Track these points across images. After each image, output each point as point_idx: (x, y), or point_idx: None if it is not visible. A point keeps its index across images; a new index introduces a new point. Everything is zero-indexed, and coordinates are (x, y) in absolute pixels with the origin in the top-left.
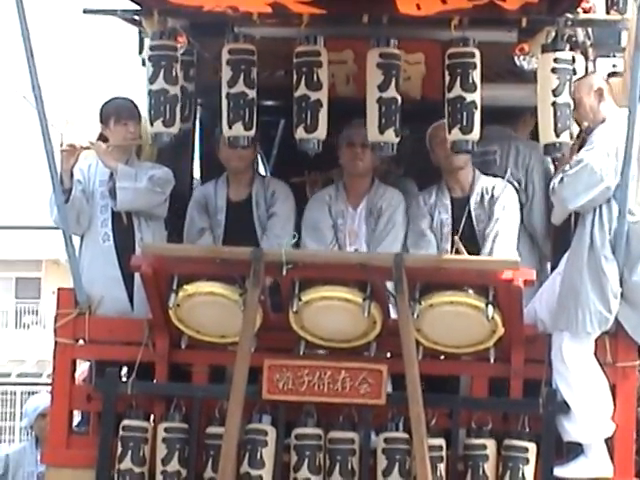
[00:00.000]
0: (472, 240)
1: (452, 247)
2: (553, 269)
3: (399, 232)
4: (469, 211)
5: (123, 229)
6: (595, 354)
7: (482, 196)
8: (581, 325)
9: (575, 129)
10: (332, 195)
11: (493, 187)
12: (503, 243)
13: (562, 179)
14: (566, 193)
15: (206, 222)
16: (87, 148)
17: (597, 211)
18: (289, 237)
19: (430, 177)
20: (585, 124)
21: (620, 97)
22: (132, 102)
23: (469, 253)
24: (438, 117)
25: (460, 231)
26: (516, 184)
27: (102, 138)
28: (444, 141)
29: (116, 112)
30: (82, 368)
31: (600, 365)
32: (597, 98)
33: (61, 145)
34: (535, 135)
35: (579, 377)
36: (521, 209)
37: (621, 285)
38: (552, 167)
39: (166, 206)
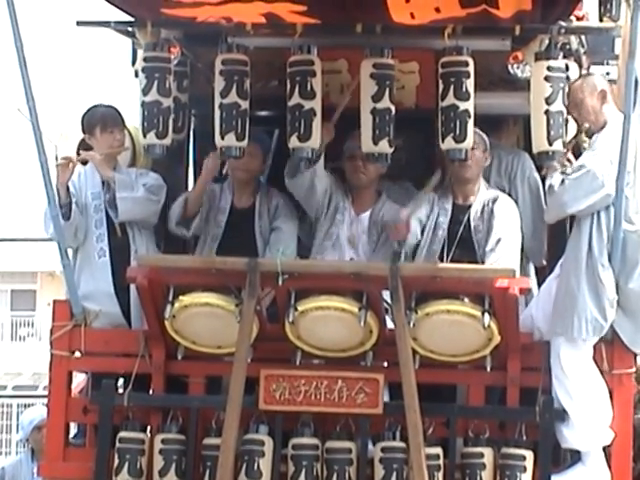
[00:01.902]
0: (469, 249)
1: (447, 253)
2: (550, 273)
3: None
4: (468, 220)
5: (118, 243)
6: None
7: (483, 207)
8: (577, 331)
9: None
10: (341, 196)
11: (495, 200)
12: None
13: (563, 181)
14: (567, 197)
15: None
16: (84, 161)
17: (595, 217)
18: (285, 246)
19: (424, 185)
20: (586, 125)
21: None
22: (116, 109)
23: (465, 262)
24: (432, 126)
25: (457, 238)
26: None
27: (85, 147)
28: None
29: (102, 120)
30: (78, 380)
31: (600, 372)
32: (600, 100)
33: (56, 159)
34: (525, 144)
35: (578, 384)
36: None
37: (617, 293)
38: (536, 174)
39: (158, 213)
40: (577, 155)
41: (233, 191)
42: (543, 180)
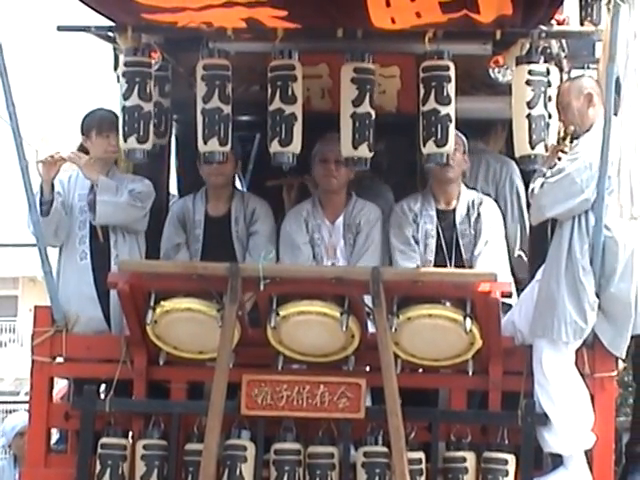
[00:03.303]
0: (456, 253)
1: (436, 258)
2: (531, 278)
3: (377, 249)
4: (454, 224)
5: (100, 247)
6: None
7: (468, 210)
8: (557, 334)
9: (553, 140)
10: (309, 210)
11: (480, 203)
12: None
13: (542, 185)
14: (545, 200)
15: (182, 237)
16: (68, 159)
17: (576, 221)
18: (266, 252)
19: (406, 189)
20: (571, 128)
21: None
22: (114, 114)
23: (454, 266)
24: (414, 130)
25: (445, 243)
26: None
27: (82, 150)
28: None
29: (98, 124)
30: (60, 386)
31: (582, 376)
32: (586, 102)
33: (38, 155)
34: (508, 148)
35: (559, 388)
36: None
37: (598, 297)
38: (521, 181)
39: (146, 221)
40: None
41: (207, 200)
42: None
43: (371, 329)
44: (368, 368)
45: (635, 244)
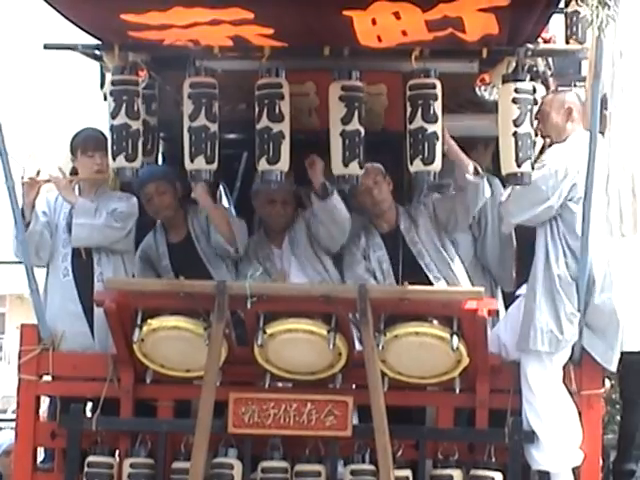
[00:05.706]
0: (415, 267)
1: (397, 281)
2: (518, 295)
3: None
4: (403, 240)
5: (82, 264)
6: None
7: (410, 223)
8: (532, 342)
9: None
10: (256, 241)
11: (414, 212)
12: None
13: (510, 193)
14: (511, 207)
15: (152, 274)
16: (48, 181)
17: (549, 229)
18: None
19: None
20: (547, 140)
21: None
22: (101, 133)
23: (416, 280)
24: (400, 148)
25: (401, 262)
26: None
27: (74, 170)
28: (370, 189)
29: (83, 143)
30: (47, 404)
31: (569, 393)
32: (565, 116)
33: (22, 178)
34: (494, 166)
35: (547, 405)
36: (474, 241)
37: (584, 311)
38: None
39: (129, 240)
40: None
41: (165, 229)
42: None
43: (358, 347)
44: (355, 386)
45: (611, 255)
